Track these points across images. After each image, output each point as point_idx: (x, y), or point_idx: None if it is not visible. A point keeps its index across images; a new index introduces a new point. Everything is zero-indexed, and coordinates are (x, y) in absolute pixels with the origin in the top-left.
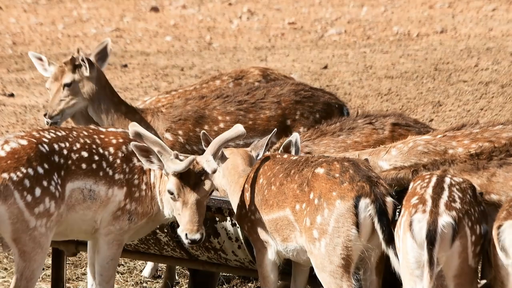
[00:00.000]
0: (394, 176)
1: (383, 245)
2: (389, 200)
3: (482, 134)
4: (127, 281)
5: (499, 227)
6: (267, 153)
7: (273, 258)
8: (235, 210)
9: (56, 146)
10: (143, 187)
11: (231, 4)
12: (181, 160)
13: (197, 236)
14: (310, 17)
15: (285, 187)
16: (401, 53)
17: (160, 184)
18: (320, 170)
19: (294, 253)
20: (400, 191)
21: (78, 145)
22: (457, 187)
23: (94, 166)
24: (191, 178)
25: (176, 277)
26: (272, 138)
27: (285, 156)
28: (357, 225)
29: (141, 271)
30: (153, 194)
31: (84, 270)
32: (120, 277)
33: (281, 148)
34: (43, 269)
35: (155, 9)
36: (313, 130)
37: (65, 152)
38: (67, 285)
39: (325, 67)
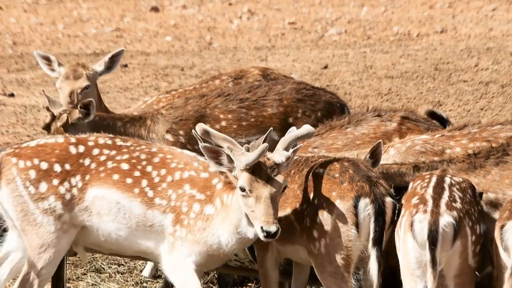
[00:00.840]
0: (396, 170)
1: (369, 244)
2: (388, 200)
3: (480, 134)
4: (127, 281)
5: (502, 227)
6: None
7: (274, 257)
8: None
9: (95, 150)
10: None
11: (231, 4)
12: None
13: (273, 228)
14: (310, 17)
15: None
16: (401, 53)
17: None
18: (320, 170)
19: (294, 253)
20: (398, 189)
21: (125, 157)
22: (457, 186)
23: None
24: (263, 173)
25: None
26: (274, 136)
27: None
28: (357, 225)
29: (141, 271)
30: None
31: (84, 270)
32: (120, 277)
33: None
34: None
35: (155, 9)
36: (322, 126)
37: (102, 157)
38: (67, 285)
39: (325, 67)
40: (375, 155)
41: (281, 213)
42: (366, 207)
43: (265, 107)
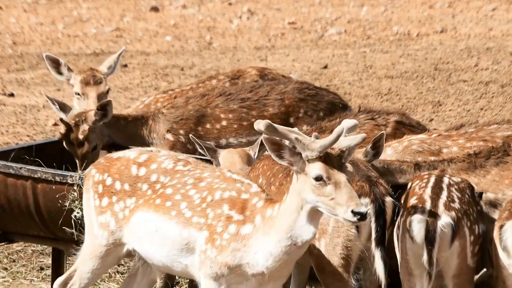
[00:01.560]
0: (397, 167)
1: (373, 245)
2: (388, 200)
3: (477, 134)
4: None
5: (501, 227)
6: (266, 153)
7: None
8: None
9: (153, 176)
10: None
11: (231, 4)
12: None
13: (363, 209)
14: (310, 17)
15: (285, 187)
16: (401, 53)
17: None
18: None
19: (293, 252)
20: (396, 188)
21: (173, 182)
22: (456, 187)
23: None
24: (334, 160)
25: (176, 277)
26: None
27: None
28: (357, 225)
29: None
30: None
31: None
32: (120, 277)
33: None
34: (43, 269)
35: (155, 9)
36: (314, 128)
37: (157, 185)
38: None
39: (325, 67)
40: (376, 147)
41: None
42: (366, 206)
43: (266, 107)
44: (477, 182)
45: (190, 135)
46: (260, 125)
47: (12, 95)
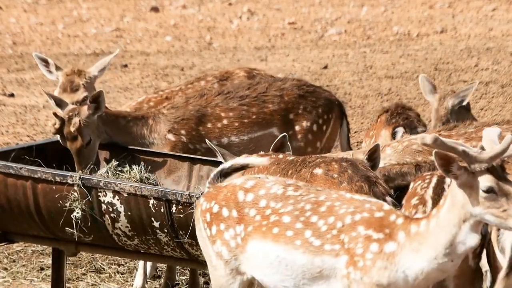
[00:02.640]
0: (398, 170)
1: None
2: (388, 199)
3: (477, 134)
4: (127, 281)
5: (498, 228)
6: (260, 153)
7: None
8: None
9: (262, 202)
10: None
11: (231, 4)
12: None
13: None
14: (310, 17)
15: None
16: (401, 53)
17: None
18: (318, 171)
19: None
20: (397, 190)
21: (288, 209)
22: None
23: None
24: (499, 171)
25: (177, 277)
26: (276, 132)
27: (280, 156)
28: None
29: None
30: None
31: (84, 270)
32: (120, 277)
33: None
34: (43, 269)
35: (155, 9)
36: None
37: (267, 211)
38: (67, 285)
39: (325, 67)
40: (373, 159)
41: None
42: None
43: (266, 103)
44: None
45: (207, 140)
46: (426, 139)
47: (12, 95)
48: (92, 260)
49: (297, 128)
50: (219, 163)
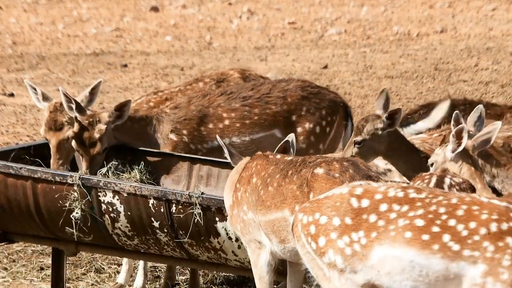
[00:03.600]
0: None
1: None
2: None
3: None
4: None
5: None
6: (258, 153)
7: (268, 258)
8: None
9: (382, 206)
10: None
11: (231, 4)
12: None
13: None
14: (310, 17)
15: (284, 188)
16: (401, 53)
17: None
18: (319, 170)
19: (292, 253)
20: None
21: (419, 212)
22: (457, 187)
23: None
24: None
25: (177, 277)
26: (277, 134)
27: (278, 156)
28: None
29: None
30: None
31: (84, 270)
32: None
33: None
34: (43, 269)
35: (155, 9)
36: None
37: (391, 215)
38: (67, 285)
39: (325, 67)
40: (393, 118)
41: (279, 214)
42: None
43: (268, 105)
44: None
45: (218, 137)
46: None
47: (12, 95)
48: (92, 260)
49: (299, 129)
50: (219, 163)
